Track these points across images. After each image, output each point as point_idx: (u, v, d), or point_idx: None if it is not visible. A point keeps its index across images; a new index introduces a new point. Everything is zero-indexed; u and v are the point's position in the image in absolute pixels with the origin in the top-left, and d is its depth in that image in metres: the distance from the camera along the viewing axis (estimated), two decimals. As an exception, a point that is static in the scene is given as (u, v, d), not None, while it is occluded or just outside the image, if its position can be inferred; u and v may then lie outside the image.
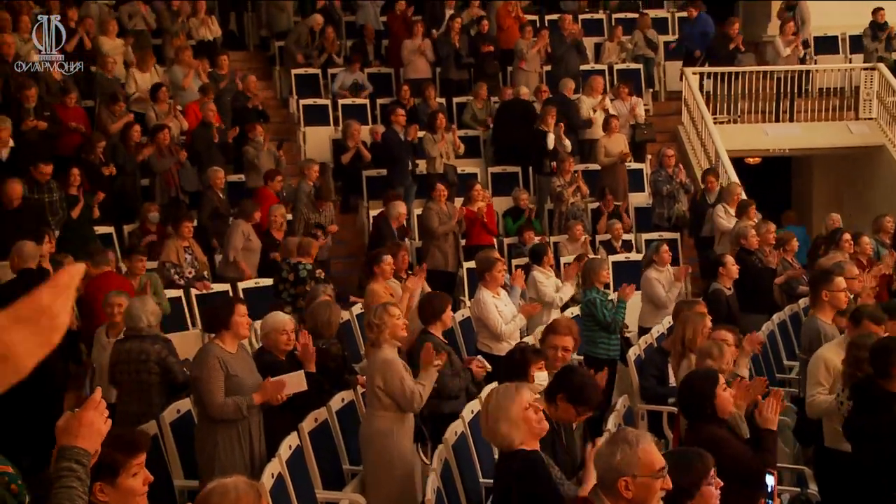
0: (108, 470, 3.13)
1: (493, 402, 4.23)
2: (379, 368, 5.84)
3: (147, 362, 6.55)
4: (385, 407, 5.82)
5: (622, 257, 11.45)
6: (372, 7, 15.00)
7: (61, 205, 9.88)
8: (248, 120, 12.18)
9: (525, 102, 13.31)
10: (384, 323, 5.92)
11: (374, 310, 6.11)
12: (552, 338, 5.98)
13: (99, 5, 13.81)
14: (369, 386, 5.92)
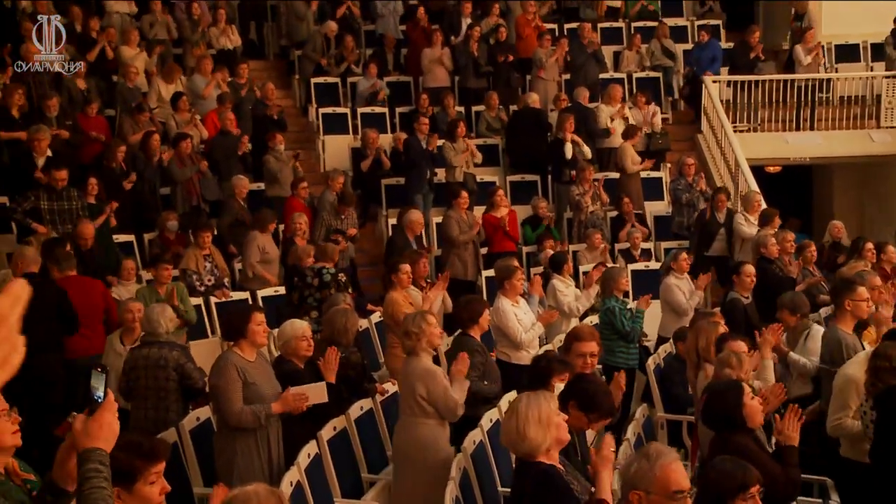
0: (127, 476, 3.13)
1: (525, 407, 4.20)
2: (421, 377, 5.88)
3: (166, 368, 6.57)
4: (428, 415, 5.87)
5: (641, 266, 11.42)
6: (392, 16, 15.03)
7: (83, 213, 9.92)
8: (266, 129, 12.23)
9: (537, 111, 13.33)
10: (422, 331, 5.95)
11: (411, 318, 6.13)
12: (578, 345, 5.95)
13: (121, 15, 13.91)
14: (408, 394, 5.93)
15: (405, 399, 6.00)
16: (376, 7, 15.00)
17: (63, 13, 13.54)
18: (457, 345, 6.45)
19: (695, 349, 6.46)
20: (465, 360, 5.97)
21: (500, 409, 6.41)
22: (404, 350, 6.16)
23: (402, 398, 6.05)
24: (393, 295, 8.19)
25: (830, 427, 5.82)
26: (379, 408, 6.77)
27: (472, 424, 6.09)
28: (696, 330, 6.60)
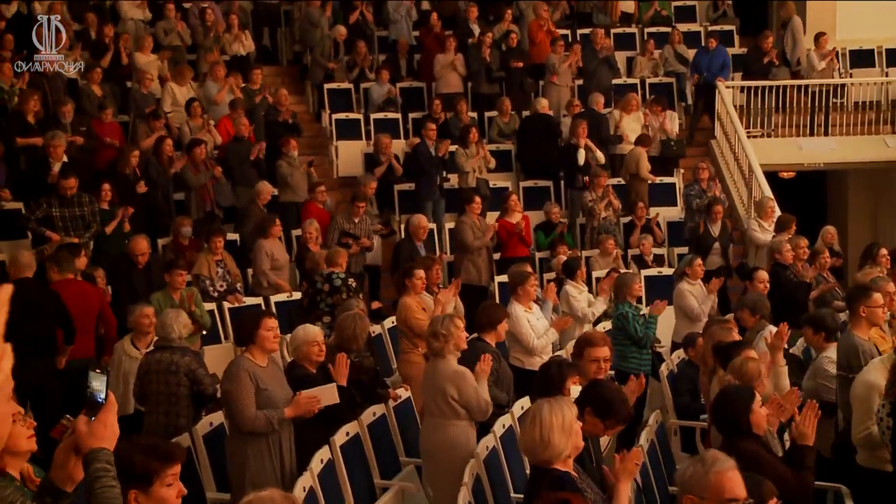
0: (144, 478, 3.14)
1: (549, 414, 4.19)
2: (451, 379, 5.98)
3: (177, 374, 6.59)
4: (458, 416, 5.97)
5: (654, 272, 11.40)
6: (405, 21, 15.06)
7: (93, 218, 9.96)
8: (280, 134, 12.26)
9: (547, 117, 13.33)
10: (450, 333, 6.04)
11: (439, 320, 6.21)
12: (590, 350, 5.91)
13: (135, 22, 13.97)
14: (437, 396, 6.00)
15: (433, 401, 6.06)
16: (389, 12, 15.03)
17: (78, 20, 13.65)
18: (471, 349, 6.46)
19: (709, 355, 6.45)
20: (488, 360, 6.08)
21: (513, 414, 6.40)
22: (431, 352, 6.21)
23: (429, 400, 6.11)
24: (406, 300, 8.19)
25: (860, 437, 5.70)
26: (392, 413, 6.77)
27: (484, 430, 6.09)
28: (709, 335, 6.58)
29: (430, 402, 6.11)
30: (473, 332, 6.96)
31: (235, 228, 11.62)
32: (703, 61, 14.53)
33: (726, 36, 16.18)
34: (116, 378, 7.77)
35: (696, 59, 14.73)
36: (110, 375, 2.79)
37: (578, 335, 6.68)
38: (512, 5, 15.56)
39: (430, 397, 6.11)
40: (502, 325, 6.90)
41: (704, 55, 14.58)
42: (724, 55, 14.62)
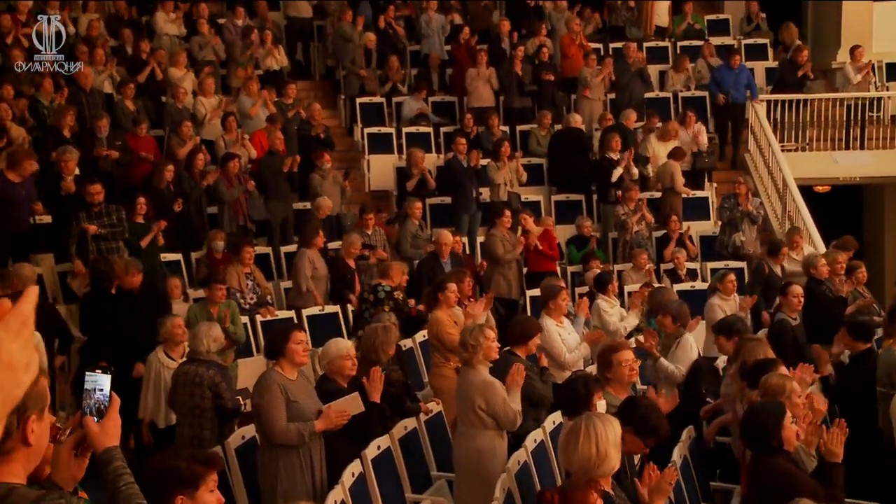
0: (190, 483, 3.23)
1: (604, 429, 4.18)
2: (479, 389, 6.03)
3: (201, 386, 6.66)
4: (486, 426, 6.00)
5: (687, 286, 11.31)
6: (437, 36, 15.11)
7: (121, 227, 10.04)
8: (312, 148, 12.32)
9: (578, 131, 13.31)
10: (479, 344, 6.08)
11: (469, 330, 6.26)
12: (617, 356, 5.98)
13: (170, 37, 14.12)
14: (467, 406, 6.05)
15: (463, 411, 6.10)
16: (422, 26, 15.08)
17: (114, 35, 13.81)
18: (502, 362, 6.47)
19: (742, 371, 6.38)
20: (521, 372, 6.09)
21: (545, 429, 6.38)
22: (461, 361, 6.25)
23: (460, 410, 6.15)
24: (437, 314, 8.18)
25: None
26: (423, 427, 6.77)
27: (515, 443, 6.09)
28: (744, 351, 6.52)
29: (461, 412, 6.15)
30: (505, 345, 6.95)
31: (268, 242, 11.69)
32: (728, 79, 14.26)
33: (760, 49, 16.08)
34: (156, 388, 7.85)
35: (719, 77, 14.37)
36: (113, 374, 2.80)
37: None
38: (544, 19, 15.57)
39: (460, 407, 6.14)
40: (534, 339, 6.89)
41: (728, 73, 14.30)
42: (748, 73, 14.37)
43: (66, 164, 10.39)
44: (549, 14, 15.75)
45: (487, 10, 15.93)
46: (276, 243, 11.65)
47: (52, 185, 10.50)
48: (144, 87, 13.02)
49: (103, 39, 13.44)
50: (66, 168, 10.39)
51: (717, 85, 14.34)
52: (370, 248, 10.82)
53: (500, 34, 15.07)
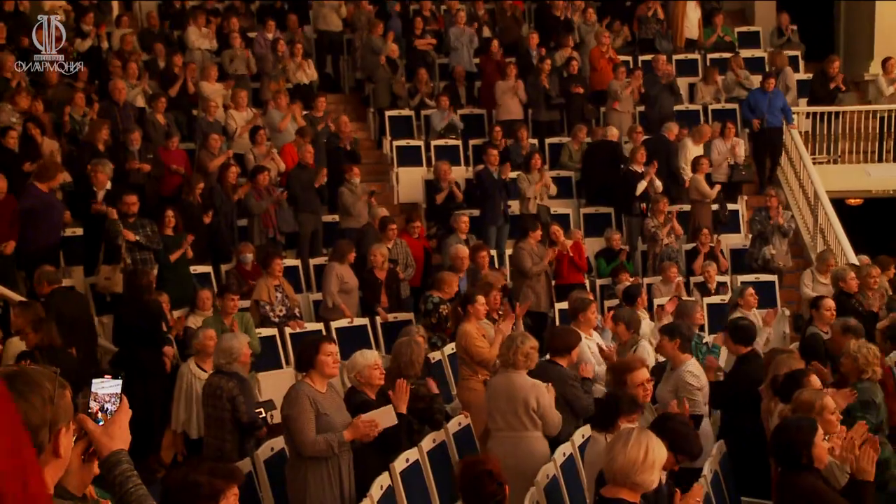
0: (211, 498, 3.27)
1: (656, 445, 4.16)
2: (531, 390, 6.25)
3: (221, 398, 6.72)
4: (536, 427, 6.23)
5: (717, 299, 11.24)
6: (466, 49, 15.14)
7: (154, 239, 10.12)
8: (340, 161, 12.37)
9: (613, 144, 13.27)
10: (528, 349, 6.33)
11: (518, 335, 6.49)
12: (631, 376, 6.01)
13: (202, 51, 14.24)
14: (517, 409, 6.22)
15: (510, 414, 6.23)
16: (451, 40, 15.12)
17: (147, 50, 13.96)
18: (543, 371, 6.53)
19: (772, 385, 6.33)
20: (552, 389, 6.27)
21: (574, 443, 6.35)
22: (506, 365, 6.40)
23: (505, 414, 6.27)
24: (466, 327, 8.18)
25: None
26: (451, 440, 6.76)
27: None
28: (775, 365, 6.46)
29: (503, 415, 6.26)
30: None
31: (297, 255, 11.74)
32: (762, 103, 13.92)
33: (791, 61, 15.98)
34: (187, 399, 7.92)
35: (754, 101, 14.02)
36: (124, 379, 2.82)
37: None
38: (573, 32, 15.58)
39: (505, 410, 6.26)
40: (576, 350, 7.04)
41: (762, 97, 13.98)
42: (783, 97, 14.08)
43: (97, 177, 10.47)
44: (578, 27, 15.75)
45: (516, 23, 15.94)
46: (306, 256, 11.70)
47: (85, 197, 10.61)
48: (176, 100, 13.14)
49: (136, 54, 13.58)
50: (97, 181, 10.48)
51: (752, 109, 13.96)
52: (392, 263, 10.84)
53: (528, 47, 15.09)
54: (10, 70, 11.91)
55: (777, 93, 14.02)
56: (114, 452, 2.75)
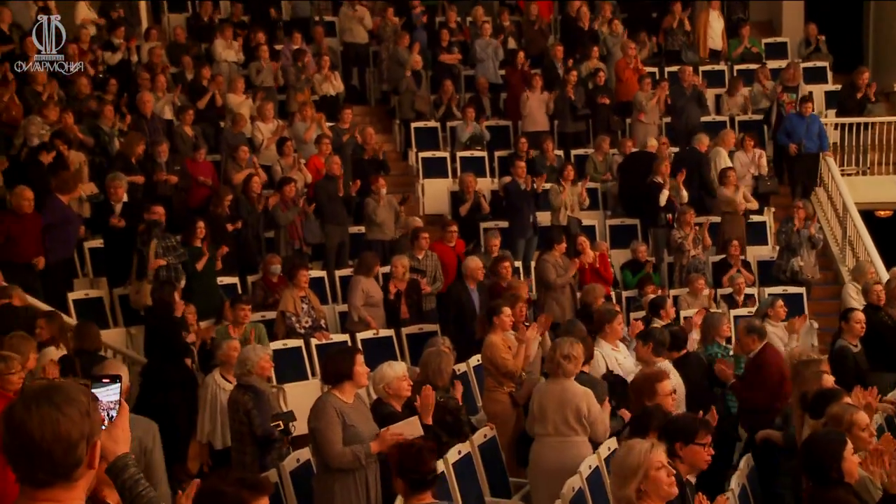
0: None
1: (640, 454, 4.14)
2: (583, 397, 6.41)
3: (238, 412, 6.74)
4: (586, 433, 6.40)
5: (745, 311, 11.16)
6: (491, 61, 15.16)
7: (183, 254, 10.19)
8: (367, 172, 12.41)
9: (650, 155, 13.23)
10: (579, 356, 6.50)
11: (567, 342, 6.59)
12: (660, 386, 6.05)
13: (229, 63, 14.34)
14: (566, 415, 6.37)
15: (560, 420, 6.38)
16: (477, 51, 15.14)
17: (175, 62, 14.08)
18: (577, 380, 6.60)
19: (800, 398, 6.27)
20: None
21: (600, 455, 6.33)
22: (556, 372, 6.50)
23: (556, 420, 6.40)
24: (492, 338, 8.17)
25: None
26: (477, 452, 6.75)
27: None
28: (803, 379, 6.41)
29: (553, 421, 6.39)
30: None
31: (324, 266, 11.77)
32: (800, 129, 13.53)
33: (819, 72, 15.88)
34: (212, 410, 7.95)
35: (790, 127, 13.62)
36: (122, 380, 2.83)
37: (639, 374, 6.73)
38: (599, 43, 15.56)
39: (556, 415, 6.39)
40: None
41: (800, 122, 13.57)
42: (820, 123, 13.72)
43: (115, 191, 10.51)
44: (604, 38, 15.74)
45: (542, 34, 15.95)
46: (332, 267, 11.73)
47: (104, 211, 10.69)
48: (203, 112, 13.23)
49: (165, 67, 13.70)
50: (114, 195, 10.51)
51: (788, 134, 13.61)
52: (419, 273, 10.83)
53: (554, 58, 15.09)
54: (41, 83, 12.04)
55: (814, 118, 13.64)
56: (119, 457, 2.79)
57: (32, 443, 2.31)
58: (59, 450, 2.32)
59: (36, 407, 2.33)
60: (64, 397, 2.36)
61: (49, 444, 2.31)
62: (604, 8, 16.21)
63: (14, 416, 2.33)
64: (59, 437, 2.32)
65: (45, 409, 2.33)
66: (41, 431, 2.31)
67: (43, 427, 2.31)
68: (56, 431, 2.32)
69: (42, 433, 2.31)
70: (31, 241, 9.76)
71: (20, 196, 9.74)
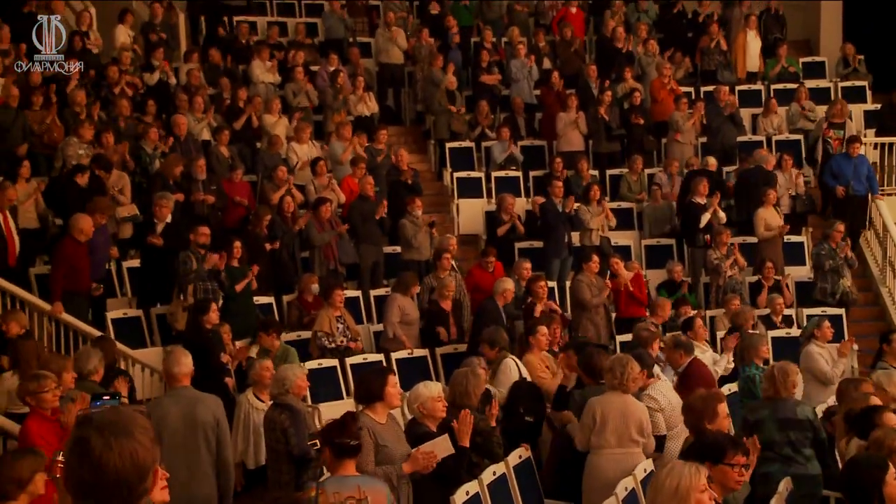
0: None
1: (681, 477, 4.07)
2: (644, 413, 6.64)
3: (274, 431, 6.75)
4: (641, 446, 6.60)
5: (782, 333, 11.04)
6: (526, 81, 15.18)
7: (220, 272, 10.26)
8: (401, 193, 12.44)
9: (711, 173, 13.22)
10: (633, 371, 6.63)
11: (621, 359, 6.75)
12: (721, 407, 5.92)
13: (266, 85, 14.47)
14: (630, 427, 6.54)
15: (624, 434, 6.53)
16: (512, 72, 15.16)
17: (213, 84, 14.22)
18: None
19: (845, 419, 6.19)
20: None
21: (636, 477, 6.27)
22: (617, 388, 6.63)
23: (619, 433, 6.51)
24: (528, 357, 8.16)
25: None
26: (511, 472, 6.71)
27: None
28: (848, 400, 6.32)
29: (617, 434, 6.51)
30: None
31: (358, 286, 11.80)
32: (847, 170, 13.16)
33: (858, 92, 15.74)
34: (245, 430, 7.97)
35: (837, 168, 13.24)
36: (119, 399, 2.80)
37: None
38: (634, 64, 15.54)
39: (620, 429, 6.52)
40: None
41: (847, 163, 13.19)
42: (868, 164, 13.38)
43: (160, 210, 10.56)
44: (639, 58, 15.71)
45: (577, 55, 15.95)
46: (367, 287, 11.75)
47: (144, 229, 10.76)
48: (240, 133, 13.34)
49: (202, 88, 13.83)
50: (159, 213, 10.56)
51: (835, 176, 13.22)
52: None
53: (588, 79, 15.08)
54: (80, 105, 12.20)
55: (862, 159, 13.28)
56: None
57: (113, 474, 2.31)
58: (136, 479, 2.34)
59: (115, 438, 2.33)
60: (138, 426, 2.37)
61: (128, 474, 2.33)
62: (639, 28, 16.19)
63: (93, 449, 2.33)
64: (137, 466, 2.33)
65: (123, 440, 2.33)
66: (122, 462, 2.32)
67: (123, 458, 2.32)
68: (136, 461, 2.33)
69: (123, 464, 2.32)
70: (88, 268, 9.77)
71: (80, 223, 9.56)
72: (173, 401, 6.06)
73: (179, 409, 5.96)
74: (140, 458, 2.33)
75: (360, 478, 4.92)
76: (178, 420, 5.92)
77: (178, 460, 5.74)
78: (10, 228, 9.94)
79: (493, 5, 16.90)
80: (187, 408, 5.99)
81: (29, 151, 11.55)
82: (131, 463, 2.32)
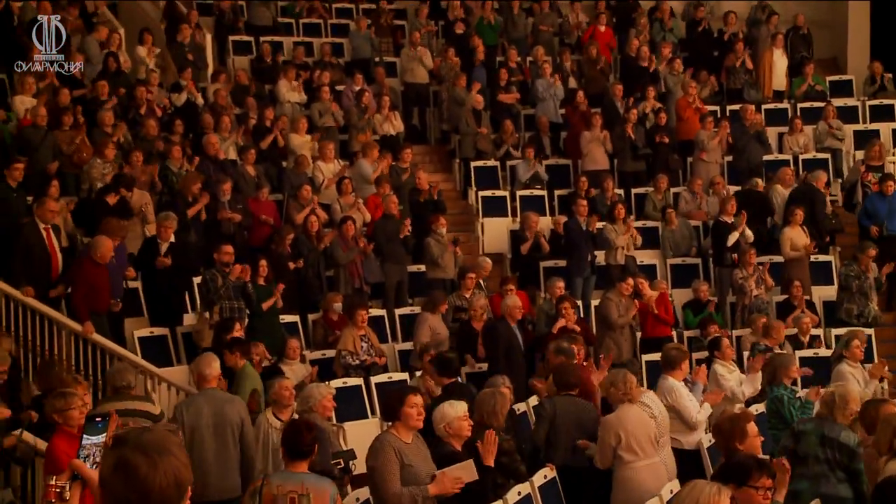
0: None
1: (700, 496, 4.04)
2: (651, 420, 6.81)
3: None
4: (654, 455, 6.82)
5: (810, 353, 10.94)
6: (552, 100, 15.19)
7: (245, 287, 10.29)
8: (424, 212, 12.46)
9: (762, 195, 13.23)
10: (632, 383, 6.85)
11: (619, 374, 6.98)
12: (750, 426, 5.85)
13: (292, 104, 14.55)
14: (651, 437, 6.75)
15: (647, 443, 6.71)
16: (538, 91, 15.18)
17: (238, 104, 14.32)
18: None
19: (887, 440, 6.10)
20: None
21: (661, 498, 6.22)
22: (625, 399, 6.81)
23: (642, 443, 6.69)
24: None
25: None
26: (537, 493, 6.68)
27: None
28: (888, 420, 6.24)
29: (641, 444, 6.67)
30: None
31: (383, 304, 11.81)
32: (882, 209, 12.88)
33: (886, 110, 15.63)
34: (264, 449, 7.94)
35: (872, 207, 12.98)
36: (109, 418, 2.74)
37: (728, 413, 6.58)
38: (658, 82, 15.52)
39: (642, 439, 6.70)
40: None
41: (881, 202, 12.93)
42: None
43: (165, 230, 10.44)
44: (664, 77, 15.70)
45: (603, 74, 15.95)
46: (391, 306, 11.77)
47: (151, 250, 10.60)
48: (266, 152, 13.42)
49: (229, 108, 13.93)
50: (164, 234, 10.46)
51: (869, 216, 12.92)
52: (463, 312, 10.86)
53: (613, 97, 15.07)
54: (108, 125, 12.30)
55: (894, 196, 12.88)
56: None
57: (158, 493, 2.34)
58: (176, 496, 2.36)
59: (158, 456, 2.35)
60: (174, 444, 2.40)
61: (171, 493, 2.35)
62: (664, 47, 16.17)
63: (137, 469, 2.34)
64: (179, 484, 2.36)
65: (167, 459, 2.36)
66: (166, 481, 2.34)
67: (168, 477, 2.34)
68: (178, 480, 2.36)
69: (168, 483, 2.34)
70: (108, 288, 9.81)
71: (100, 246, 9.58)
72: (205, 399, 6.74)
73: (210, 408, 6.65)
74: (182, 476, 2.37)
75: (306, 475, 5.22)
76: (209, 417, 6.59)
77: (210, 454, 6.48)
78: (52, 244, 9.98)
79: (519, 24, 16.93)
80: (217, 407, 6.69)
81: (58, 171, 11.64)
82: (175, 482, 2.35)
